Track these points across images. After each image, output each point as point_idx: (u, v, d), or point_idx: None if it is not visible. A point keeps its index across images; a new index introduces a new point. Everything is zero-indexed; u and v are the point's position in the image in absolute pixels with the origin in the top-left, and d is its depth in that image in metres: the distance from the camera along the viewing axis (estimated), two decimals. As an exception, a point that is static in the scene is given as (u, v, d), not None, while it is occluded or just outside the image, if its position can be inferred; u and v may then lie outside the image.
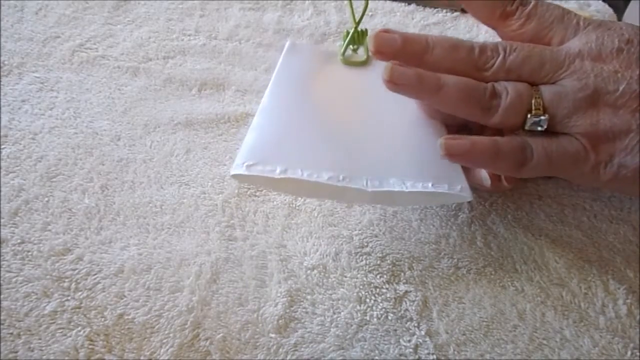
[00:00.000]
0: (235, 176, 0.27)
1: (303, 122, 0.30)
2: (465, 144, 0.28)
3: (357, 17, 0.34)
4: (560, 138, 0.28)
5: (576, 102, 0.27)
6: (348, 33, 0.34)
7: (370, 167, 0.28)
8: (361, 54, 0.34)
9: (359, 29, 0.34)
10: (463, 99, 0.28)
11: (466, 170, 0.29)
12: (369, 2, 0.34)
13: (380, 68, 0.33)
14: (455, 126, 0.32)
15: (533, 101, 0.28)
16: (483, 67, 0.29)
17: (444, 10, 0.49)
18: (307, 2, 0.49)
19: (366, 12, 0.33)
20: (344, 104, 0.31)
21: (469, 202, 0.33)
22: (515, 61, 0.28)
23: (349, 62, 0.34)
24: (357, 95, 0.32)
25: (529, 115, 0.28)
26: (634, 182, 0.28)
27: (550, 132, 0.28)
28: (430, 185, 0.28)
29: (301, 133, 0.29)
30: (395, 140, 0.30)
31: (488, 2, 0.31)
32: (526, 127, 0.28)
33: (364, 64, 0.34)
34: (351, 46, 0.34)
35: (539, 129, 0.28)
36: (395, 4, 0.49)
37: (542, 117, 0.28)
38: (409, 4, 0.49)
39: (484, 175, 0.30)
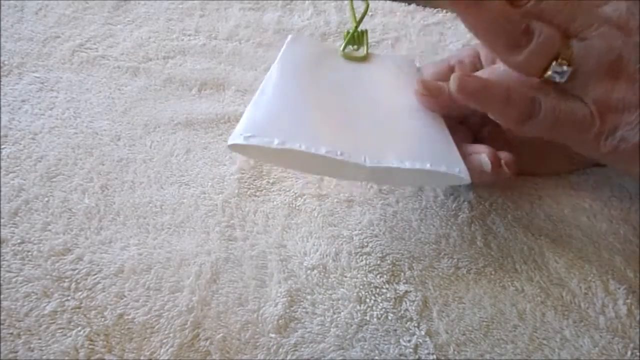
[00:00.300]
0: (232, 146, 0.27)
1: (303, 100, 0.30)
2: (480, 82, 0.28)
3: (358, 18, 0.34)
4: (571, 100, 0.28)
5: (600, 64, 0.27)
6: (348, 33, 0.34)
7: (369, 144, 0.28)
8: (361, 52, 0.34)
9: (359, 29, 0.34)
10: (494, 25, 0.27)
11: (465, 156, 0.29)
12: (370, 2, 0.34)
13: (379, 63, 0.34)
14: (454, 119, 0.32)
15: (563, 50, 0.27)
16: (517, 1, 0.28)
17: (444, 10, 0.49)
18: (307, 2, 0.49)
19: (368, 10, 0.33)
20: (344, 89, 0.31)
21: (469, 201, 0.33)
22: (549, 5, 0.28)
23: (349, 57, 0.34)
24: (357, 83, 0.32)
25: (553, 63, 0.27)
26: (632, 158, 0.28)
27: (562, 92, 0.28)
28: (428, 165, 0.28)
29: (301, 110, 0.29)
30: (395, 124, 0.30)
31: None
32: (546, 75, 0.28)
33: (363, 59, 0.34)
34: (352, 46, 0.34)
35: (558, 79, 0.28)
36: (395, 4, 0.49)
37: (566, 69, 0.27)
38: (409, 4, 0.49)
39: (484, 159, 0.29)
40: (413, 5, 0.49)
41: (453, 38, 0.46)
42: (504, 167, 0.30)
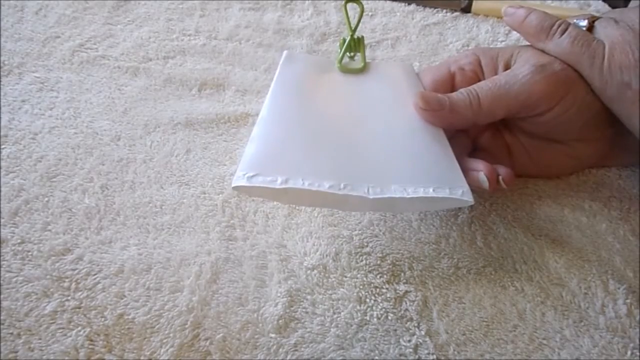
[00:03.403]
0: (236, 188, 0.27)
1: (302, 131, 0.30)
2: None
3: (353, 24, 0.34)
4: (588, 34, 0.31)
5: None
6: (344, 41, 0.34)
7: (371, 173, 0.28)
8: (358, 60, 0.34)
9: (355, 36, 0.34)
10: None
11: (463, 172, 0.29)
12: (370, 2, 0.34)
13: (376, 74, 0.33)
14: (453, 132, 0.32)
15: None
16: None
17: (444, 10, 0.49)
18: (307, 2, 0.49)
19: (365, 14, 0.33)
20: (342, 111, 0.31)
21: (469, 202, 0.33)
22: None
23: (346, 70, 0.34)
24: (356, 101, 0.32)
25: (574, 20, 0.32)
26: (633, 105, 0.29)
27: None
28: (431, 190, 0.28)
29: (301, 142, 0.29)
30: (395, 146, 0.30)
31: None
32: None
33: (360, 71, 0.34)
34: (348, 54, 0.34)
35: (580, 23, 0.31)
36: (395, 3, 0.49)
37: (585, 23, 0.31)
38: (409, 4, 0.49)
39: (481, 178, 0.30)
40: (413, 5, 0.49)
41: (453, 38, 0.46)
42: (502, 184, 0.30)
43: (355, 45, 0.34)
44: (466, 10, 0.49)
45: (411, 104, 0.31)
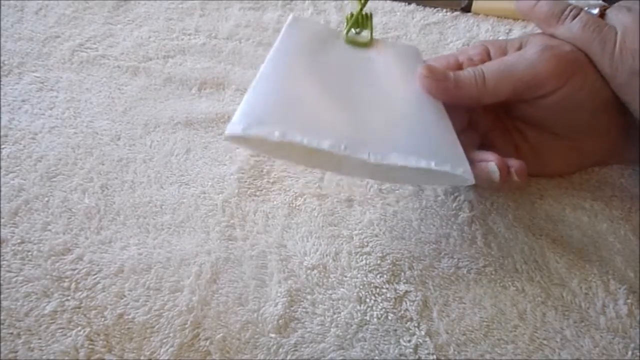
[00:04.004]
0: (229, 137, 0.26)
1: (304, 88, 0.28)
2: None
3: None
4: (600, 20, 0.31)
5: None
6: (352, 15, 0.32)
7: (373, 139, 0.27)
8: (365, 36, 0.33)
9: (363, 12, 0.32)
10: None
11: (472, 163, 0.29)
12: (370, 1, 0.33)
13: (383, 50, 0.32)
14: (460, 121, 0.32)
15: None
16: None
17: (444, 10, 0.49)
18: (307, 1, 0.49)
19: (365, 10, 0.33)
20: (347, 76, 0.30)
21: (469, 201, 0.33)
22: None
23: (352, 42, 0.32)
24: (360, 72, 0.31)
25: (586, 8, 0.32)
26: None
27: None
28: (433, 164, 0.27)
29: (302, 98, 0.28)
30: (399, 117, 0.29)
31: None
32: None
33: (367, 45, 0.33)
34: (354, 29, 0.33)
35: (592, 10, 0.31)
36: (395, 3, 0.49)
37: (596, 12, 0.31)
38: (409, 3, 0.49)
39: (492, 168, 0.29)
40: (413, 5, 0.49)
41: (453, 37, 0.46)
42: (514, 176, 0.29)
43: (363, 20, 0.33)
44: (466, 9, 0.49)
45: (414, 82, 0.30)
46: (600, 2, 0.32)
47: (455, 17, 0.48)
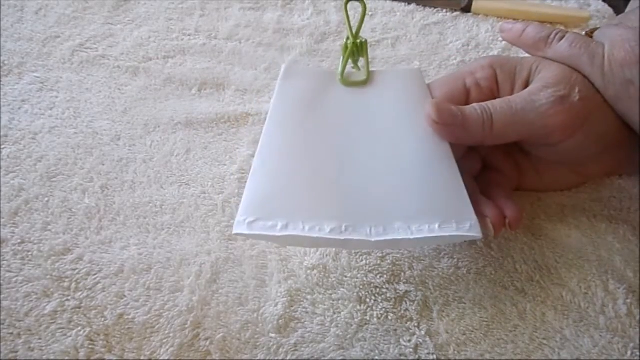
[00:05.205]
0: (237, 234, 0.27)
1: (302, 166, 0.28)
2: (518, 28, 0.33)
3: (354, 26, 0.32)
4: (587, 37, 0.31)
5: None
6: (347, 47, 0.32)
7: (373, 211, 0.27)
8: (362, 69, 0.33)
9: (357, 40, 0.32)
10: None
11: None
12: (370, 2, 0.33)
13: (381, 85, 0.32)
14: (464, 151, 0.32)
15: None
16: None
17: (444, 10, 0.49)
18: (307, 2, 0.49)
19: (366, 14, 0.32)
20: (345, 137, 0.30)
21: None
22: None
23: (348, 83, 0.32)
24: (359, 123, 0.30)
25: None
26: (637, 103, 0.29)
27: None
28: (437, 227, 0.26)
29: (301, 178, 0.28)
30: (400, 175, 0.28)
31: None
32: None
33: (363, 83, 0.32)
34: (351, 60, 0.32)
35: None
36: (395, 3, 0.49)
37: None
38: (409, 3, 0.49)
39: (488, 223, 0.29)
40: (413, 5, 0.49)
41: (453, 37, 0.46)
42: (507, 228, 0.29)
43: (358, 50, 0.32)
44: (466, 10, 0.49)
45: (418, 119, 0.30)
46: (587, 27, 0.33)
47: (455, 17, 0.48)
